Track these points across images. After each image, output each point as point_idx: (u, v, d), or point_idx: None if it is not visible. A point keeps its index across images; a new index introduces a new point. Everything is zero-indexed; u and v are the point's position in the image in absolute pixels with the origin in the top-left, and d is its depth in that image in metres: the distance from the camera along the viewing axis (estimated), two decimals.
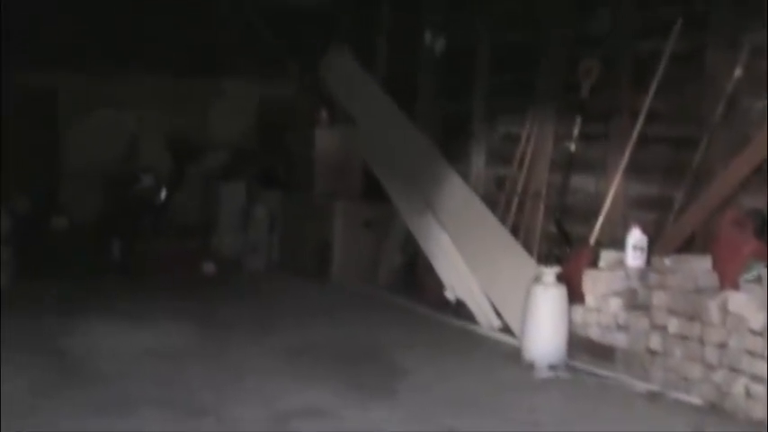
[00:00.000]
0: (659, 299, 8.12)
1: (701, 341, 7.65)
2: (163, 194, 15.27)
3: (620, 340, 8.51)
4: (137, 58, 14.93)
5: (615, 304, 8.62)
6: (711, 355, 7.55)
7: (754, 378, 7.18)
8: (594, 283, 8.88)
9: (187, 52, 15.23)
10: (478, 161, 12.09)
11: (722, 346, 7.47)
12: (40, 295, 11.50)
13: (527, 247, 10.58)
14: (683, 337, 7.83)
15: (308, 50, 14.83)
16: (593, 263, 9.13)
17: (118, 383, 7.85)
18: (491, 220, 11.03)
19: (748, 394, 7.20)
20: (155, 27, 14.80)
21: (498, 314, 10.22)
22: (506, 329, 9.93)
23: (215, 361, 8.68)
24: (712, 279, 7.93)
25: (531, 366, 8.57)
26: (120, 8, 14.46)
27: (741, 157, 8.35)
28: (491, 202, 11.31)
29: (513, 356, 8.89)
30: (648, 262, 8.60)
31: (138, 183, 15.05)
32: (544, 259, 9.96)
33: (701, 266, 8.02)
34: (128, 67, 15.08)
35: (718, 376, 7.46)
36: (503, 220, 11.05)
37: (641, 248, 8.78)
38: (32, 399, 7.39)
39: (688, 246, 8.67)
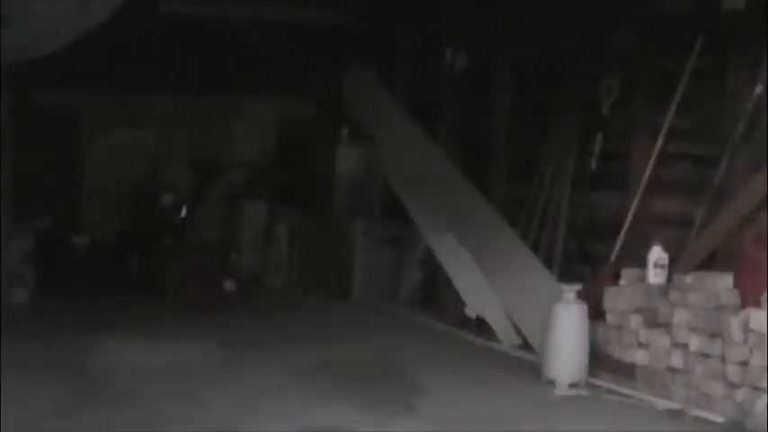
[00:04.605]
0: (680, 316, 8.09)
1: (723, 359, 7.61)
2: (183, 213, 15.32)
3: (641, 358, 8.48)
4: (158, 77, 14.99)
5: (636, 322, 8.59)
6: (733, 373, 7.51)
7: None
8: (615, 301, 8.87)
9: (207, 71, 15.28)
10: (499, 178, 12.09)
11: (744, 363, 7.43)
12: (61, 313, 11.54)
13: (548, 264, 10.56)
14: (705, 355, 7.80)
15: (329, 69, 14.86)
16: (615, 280, 9.11)
17: (140, 402, 7.85)
18: (512, 237, 11.02)
19: None
20: (176, 47, 14.86)
21: (519, 331, 10.20)
22: (527, 347, 9.91)
23: (237, 379, 8.69)
24: (734, 296, 7.90)
25: (551, 384, 8.54)
26: (141, 29, 14.53)
27: (762, 174, 8.32)
28: (512, 220, 11.31)
29: (534, 374, 8.87)
30: (670, 279, 8.58)
31: (158, 201, 15.10)
32: (565, 277, 9.94)
33: (722, 284, 7.99)
34: (149, 87, 15.14)
35: (741, 394, 7.43)
36: (523, 237, 11.04)
37: (662, 266, 8.76)
38: (54, 418, 7.39)
39: (709, 263, 8.64)
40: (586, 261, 10.35)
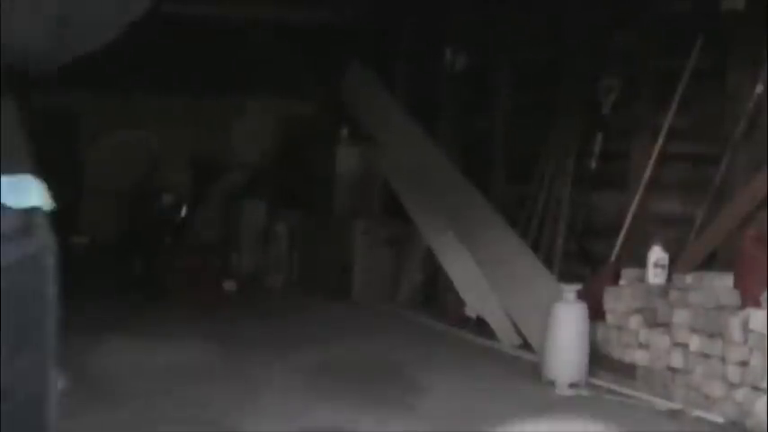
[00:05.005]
0: (680, 316, 8.08)
1: (723, 359, 7.60)
2: (183, 213, 15.32)
3: (640, 358, 8.48)
4: (158, 78, 14.98)
5: (636, 322, 8.59)
6: (733, 373, 7.50)
7: None
8: (615, 301, 8.86)
9: (208, 72, 15.28)
10: (499, 178, 12.09)
11: (744, 364, 7.43)
12: (61, 313, 11.52)
13: (548, 264, 10.56)
14: (705, 355, 7.79)
15: (329, 69, 14.86)
16: (615, 280, 9.11)
17: (140, 402, 7.84)
18: (512, 237, 11.02)
19: None
20: (177, 47, 14.85)
21: (519, 331, 10.20)
22: (527, 347, 9.91)
23: (237, 379, 8.68)
24: (734, 296, 7.88)
25: (551, 384, 8.54)
26: (141, 29, 14.51)
27: (762, 173, 8.32)
28: (511, 220, 11.30)
29: (534, 374, 8.87)
30: (670, 279, 8.57)
31: (159, 201, 15.10)
32: (565, 277, 9.94)
33: (722, 284, 7.98)
34: (149, 88, 15.14)
35: (740, 394, 7.42)
36: (523, 237, 11.03)
37: (662, 266, 8.75)
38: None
39: (709, 263, 8.64)
40: (586, 261, 10.34)
